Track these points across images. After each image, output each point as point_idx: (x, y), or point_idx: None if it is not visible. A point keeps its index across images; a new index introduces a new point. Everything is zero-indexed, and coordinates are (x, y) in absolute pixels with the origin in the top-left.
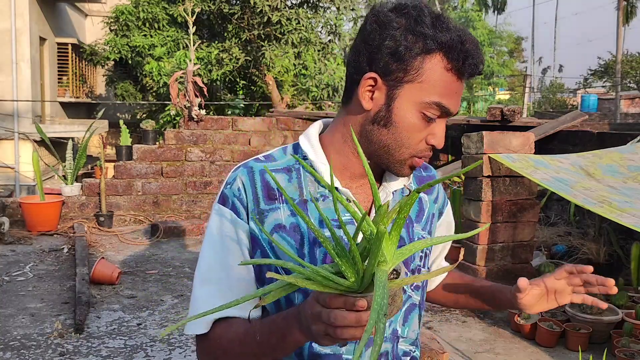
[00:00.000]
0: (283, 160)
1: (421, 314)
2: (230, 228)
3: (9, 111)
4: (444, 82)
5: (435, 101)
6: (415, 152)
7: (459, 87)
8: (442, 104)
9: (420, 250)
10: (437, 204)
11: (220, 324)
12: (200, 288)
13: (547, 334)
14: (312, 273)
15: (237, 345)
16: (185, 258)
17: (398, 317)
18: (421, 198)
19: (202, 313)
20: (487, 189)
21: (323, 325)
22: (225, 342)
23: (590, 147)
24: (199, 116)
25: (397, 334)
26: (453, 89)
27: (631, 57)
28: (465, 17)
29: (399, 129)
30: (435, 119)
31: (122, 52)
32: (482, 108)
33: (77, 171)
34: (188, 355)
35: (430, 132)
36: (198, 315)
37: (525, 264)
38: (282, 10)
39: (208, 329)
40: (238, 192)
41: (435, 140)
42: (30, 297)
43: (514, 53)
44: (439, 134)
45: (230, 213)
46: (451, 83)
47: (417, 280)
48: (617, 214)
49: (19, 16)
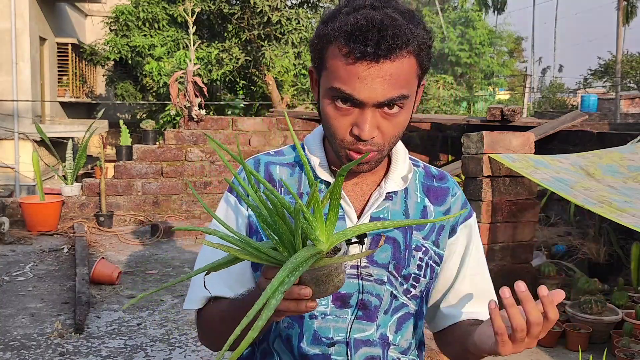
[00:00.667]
0: (290, 155)
1: (418, 325)
2: (232, 214)
3: (9, 111)
4: (344, 67)
5: (333, 86)
6: (344, 145)
7: (366, 72)
8: (340, 89)
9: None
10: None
11: (212, 303)
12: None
13: (547, 334)
14: (244, 244)
15: (218, 323)
16: (185, 258)
17: (389, 323)
18: (426, 207)
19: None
20: (487, 189)
21: None
22: (211, 320)
23: (590, 147)
24: (199, 116)
25: (388, 340)
26: (354, 73)
27: (631, 57)
28: (465, 17)
29: (324, 118)
30: (349, 104)
31: (122, 52)
32: (482, 108)
33: (77, 171)
34: (188, 355)
35: (355, 122)
36: (184, 277)
37: (525, 264)
38: (282, 10)
39: (201, 306)
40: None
41: (358, 130)
42: (30, 297)
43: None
44: (360, 124)
45: (234, 199)
46: (351, 67)
47: (344, 260)
48: (617, 214)
49: (19, 16)
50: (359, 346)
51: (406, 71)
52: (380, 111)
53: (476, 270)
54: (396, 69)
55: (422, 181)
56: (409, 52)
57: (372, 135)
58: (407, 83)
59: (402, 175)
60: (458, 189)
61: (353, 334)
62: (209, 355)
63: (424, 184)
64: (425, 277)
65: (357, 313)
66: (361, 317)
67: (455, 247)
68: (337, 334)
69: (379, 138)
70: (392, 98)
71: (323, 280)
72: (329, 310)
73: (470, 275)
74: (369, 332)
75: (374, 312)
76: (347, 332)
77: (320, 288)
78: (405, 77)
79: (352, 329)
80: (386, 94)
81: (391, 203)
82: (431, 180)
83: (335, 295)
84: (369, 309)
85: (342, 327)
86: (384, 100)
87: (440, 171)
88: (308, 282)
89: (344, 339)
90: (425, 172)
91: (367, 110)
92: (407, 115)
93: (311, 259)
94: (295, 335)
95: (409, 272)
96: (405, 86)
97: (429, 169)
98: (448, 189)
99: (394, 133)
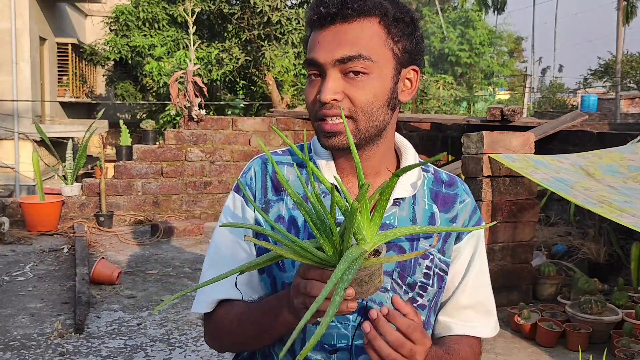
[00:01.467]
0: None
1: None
2: (239, 214)
3: (9, 111)
4: (311, 41)
5: (305, 60)
6: (314, 116)
7: (322, 34)
8: (307, 59)
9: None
10: (455, 225)
11: (223, 305)
12: (207, 270)
13: (547, 334)
14: (291, 243)
15: (235, 326)
16: (185, 258)
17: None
18: (433, 213)
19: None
20: (487, 189)
21: (302, 297)
22: (227, 322)
23: (590, 147)
24: (199, 116)
25: None
26: (315, 39)
27: (631, 57)
28: (465, 17)
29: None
30: (318, 77)
31: (122, 52)
32: (482, 108)
33: (77, 171)
34: (188, 355)
35: (319, 89)
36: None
37: (525, 264)
38: (282, 10)
39: (210, 309)
40: (250, 181)
41: (319, 94)
42: (30, 297)
43: (514, 53)
44: (321, 89)
45: (240, 200)
46: (315, 38)
47: (391, 260)
48: (617, 214)
49: (19, 16)
50: (360, 353)
51: (367, 35)
52: (344, 76)
53: (478, 282)
54: (353, 30)
55: (431, 187)
56: (368, 18)
57: (333, 97)
58: (369, 47)
59: (411, 182)
60: (468, 196)
61: (355, 341)
62: (209, 355)
63: (432, 190)
64: (434, 287)
65: (360, 320)
66: None
67: (459, 254)
68: (340, 340)
69: (346, 102)
70: (348, 56)
71: (366, 280)
72: None
73: (472, 287)
74: None
75: None
76: (349, 339)
77: (362, 288)
78: (366, 39)
79: (355, 335)
80: (341, 51)
81: (398, 209)
82: (440, 186)
83: None
84: None
85: (344, 333)
86: (340, 57)
87: (452, 177)
88: (351, 282)
89: (347, 345)
90: (434, 178)
91: (329, 73)
92: (378, 83)
93: (360, 258)
94: (298, 340)
95: (415, 280)
96: (367, 47)
97: (439, 174)
98: (456, 196)
99: (364, 100)
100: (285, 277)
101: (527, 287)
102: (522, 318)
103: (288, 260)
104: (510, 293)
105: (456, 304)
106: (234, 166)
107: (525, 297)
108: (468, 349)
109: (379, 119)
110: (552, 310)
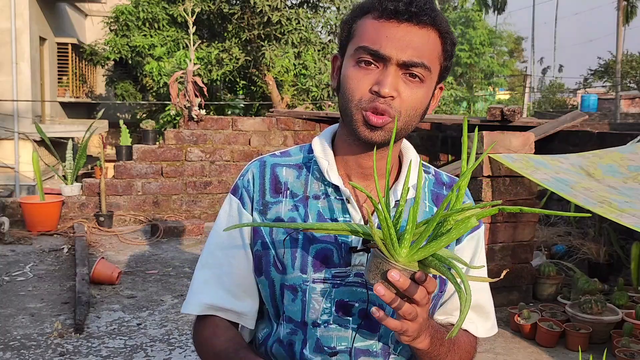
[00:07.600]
0: (297, 157)
1: None
2: (236, 217)
3: (9, 111)
4: (374, 28)
5: (361, 45)
6: (361, 105)
7: (395, 30)
8: (367, 47)
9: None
10: None
11: (214, 325)
12: (199, 270)
13: (547, 334)
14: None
15: (212, 358)
16: (185, 258)
17: (391, 333)
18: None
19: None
20: (487, 189)
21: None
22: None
23: (590, 147)
24: (199, 116)
25: (389, 350)
26: (383, 31)
27: (631, 57)
28: (465, 17)
29: (344, 85)
30: (373, 65)
31: (122, 52)
32: (482, 108)
33: (77, 171)
34: (188, 356)
35: (376, 80)
36: None
37: (525, 264)
38: (282, 10)
39: (200, 312)
40: (247, 184)
41: (378, 86)
42: (30, 297)
43: (514, 53)
44: (382, 80)
45: (237, 203)
46: (381, 27)
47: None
48: (617, 214)
49: (19, 16)
50: (359, 355)
51: (431, 45)
52: (403, 75)
53: (477, 285)
54: (422, 37)
55: (432, 189)
56: (435, 30)
57: (391, 94)
58: (430, 57)
59: (412, 184)
60: (468, 198)
61: (355, 343)
62: None
63: (433, 191)
64: (442, 292)
65: (360, 322)
66: (363, 327)
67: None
68: (340, 343)
69: (397, 102)
70: (415, 62)
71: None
72: (331, 319)
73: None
74: (370, 342)
75: (376, 322)
76: (349, 342)
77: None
78: (429, 50)
79: (355, 338)
80: (411, 54)
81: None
82: (441, 188)
83: (339, 304)
84: (371, 319)
85: (344, 336)
86: (408, 60)
87: (452, 178)
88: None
89: (347, 348)
90: (435, 180)
91: (390, 68)
92: (425, 93)
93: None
94: (299, 341)
95: None
96: (428, 58)
97: (440, 176)
98: None
99: (411, 104)
100: (284, 279)
101: (527, 287)
102: (522, 318)
103: (288, 261)
104: (510, 293)
105: (456, 304)
106: (234, 166)
107: (525, 297)
108: (466, 339)
109: (412, 125)
110: (552, 310)
